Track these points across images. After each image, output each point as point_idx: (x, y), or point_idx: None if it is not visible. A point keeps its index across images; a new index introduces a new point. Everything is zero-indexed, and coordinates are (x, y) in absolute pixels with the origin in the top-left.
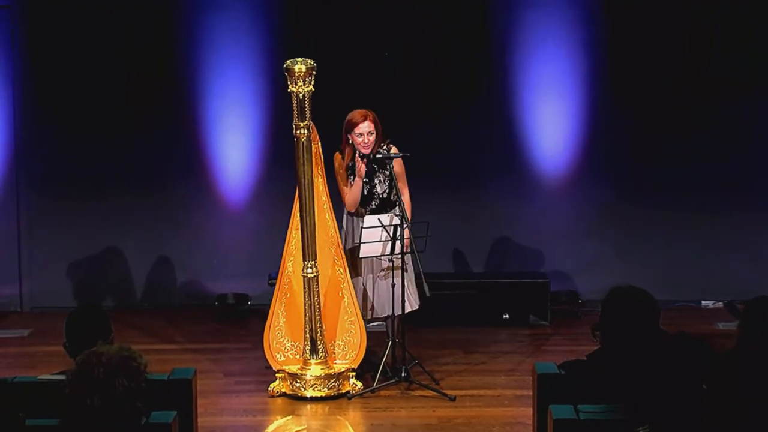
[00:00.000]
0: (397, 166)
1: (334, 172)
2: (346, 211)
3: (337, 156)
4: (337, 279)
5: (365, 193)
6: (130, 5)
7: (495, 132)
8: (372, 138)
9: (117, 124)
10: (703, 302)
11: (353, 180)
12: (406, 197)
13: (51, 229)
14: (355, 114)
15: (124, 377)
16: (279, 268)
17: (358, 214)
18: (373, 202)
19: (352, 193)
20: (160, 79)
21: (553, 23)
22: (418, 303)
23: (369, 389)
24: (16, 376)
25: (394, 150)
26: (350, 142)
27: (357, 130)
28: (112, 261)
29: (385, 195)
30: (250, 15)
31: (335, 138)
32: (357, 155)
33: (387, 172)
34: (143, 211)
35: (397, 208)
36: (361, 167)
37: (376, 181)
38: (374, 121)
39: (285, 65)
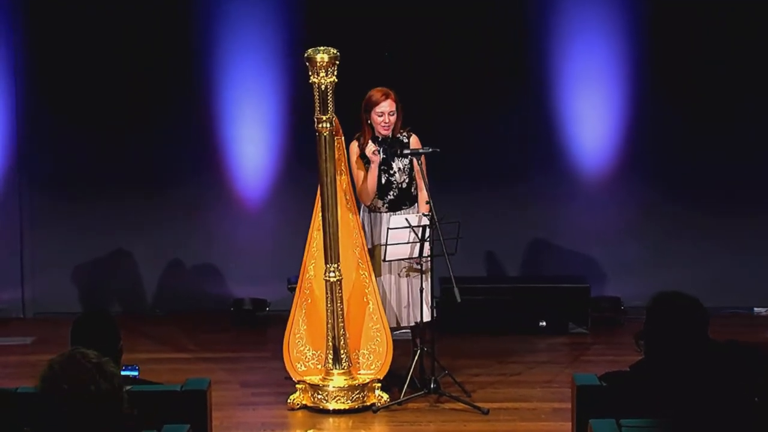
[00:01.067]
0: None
1: (350, 161)
2: (363, 207)
3: (354, 144)
4: (361, 283)
5: (383, 182)
6: None
7: (530, 126)
8: (393, 118)
9: (125, 119)
10: (755, 309)
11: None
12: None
13: (55, 231)
14: (375, 92)
15: (111, 363)
16: (299, 271)
17: (376, 209)
18: (392, 192)
19: (368, 181)
20: (170, 71)
21: (593, 9)
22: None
23: (396, 402)
24: (18, 386)
25: (414, 139)
26: (369, 122)
27: (378, 109)
28: (120, 264)
29: (404, 185)
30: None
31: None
32: (369, 145)
33: (407, 161)
34: (154, 211)
35: (416, 205)
36: (375, 155)
37: (396, 168)
38: (396, 101)
39: (306, 54)
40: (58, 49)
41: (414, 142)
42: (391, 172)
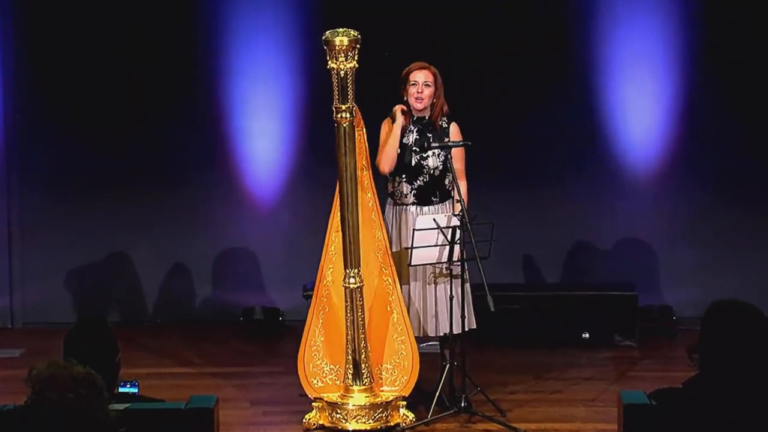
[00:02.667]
0: (457, 156)
1: (379, 144)
2: (388, 202)
3: (386, 122)
4: (384, 291)
5: (413, 163)
6: None
7: (572, 120)
8: (428, 91)
9: (124, 111)
10: None
11: (399, 149)
12: (462, 190)
13: (47, 232)
14: (414, 64)
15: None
16: (316, 277)
17: (402, 200)
18: (421, 178)
19: (389, 142)
20: (173, 55)
21: None
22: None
23: (422, 422)
24: (5, 404)
25: (454, 128)
26: (406, 99)
27: (411, 78)
28: (118, 269)
29: (437, 172)
30: None
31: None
32: (399, 121)
33: (444, 150)
34: (155, 211)
35: (447, 203)
36: (400, 116)
37: (429, 152)
38: (434, 75)
39: (324, 37)
40: (55, 28)
41: (454, 131)
42: (424, 155)
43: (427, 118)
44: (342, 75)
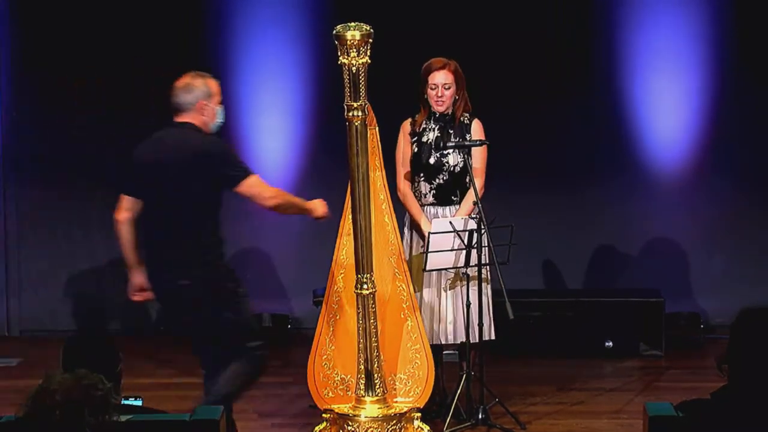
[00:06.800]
0: (477, 154)
1: (397, 145)
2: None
3: (406, 122)
4: (398, 297)
5: (432, 161)
6: None
7: (595, 116)
8: (448, 93)
9: (127, 107)
10: None
11: (416, 147)
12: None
13: (46, 236)
14: (433, 61)
15: (90, 414)
16: (326, 283)
17: (421, 202)
18: (441, 176)
19: (409, 208)
20: (177, 49)
21: None
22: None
23: None
24: (2, 416)
25: (477, 125)
26: (425, 96)
27: (431, 80)
28: (120, 274)
29: (458, 170)
30: None
31: (397, 125)
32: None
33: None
34: None
35: (462, 205)
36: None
37: (450, 150)
38: (455, 73)
39: (335, 31)
40: (56, 35)
41: (476, 129)
42: (444, 152)
43: (449, 114)
44: (354, 71)
